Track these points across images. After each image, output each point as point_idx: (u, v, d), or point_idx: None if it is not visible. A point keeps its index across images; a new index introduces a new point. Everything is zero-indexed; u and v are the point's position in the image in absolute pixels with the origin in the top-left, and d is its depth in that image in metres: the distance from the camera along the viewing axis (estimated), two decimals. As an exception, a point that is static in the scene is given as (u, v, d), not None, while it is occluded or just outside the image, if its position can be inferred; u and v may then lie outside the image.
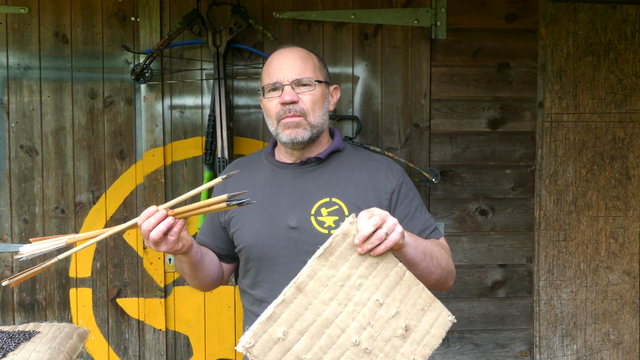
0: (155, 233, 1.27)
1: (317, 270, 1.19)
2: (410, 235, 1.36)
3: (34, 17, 2.29)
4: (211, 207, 1.26)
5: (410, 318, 1.27)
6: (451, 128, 2.41)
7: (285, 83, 1.48)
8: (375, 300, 1.23)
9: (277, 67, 1.51)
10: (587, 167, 2.44)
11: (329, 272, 1.20)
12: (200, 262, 1.51)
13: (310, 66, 1.52)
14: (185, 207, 1.29)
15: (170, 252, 1.34)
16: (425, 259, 1.39)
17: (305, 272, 1.19)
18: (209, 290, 1.68)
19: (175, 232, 1.30)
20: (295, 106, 1.48)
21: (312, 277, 1.19)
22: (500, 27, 2.40)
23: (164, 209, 1.28)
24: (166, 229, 1.28)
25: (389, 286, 1.26)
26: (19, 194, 2.33)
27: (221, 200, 1.24)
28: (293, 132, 1.48)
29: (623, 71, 2.43)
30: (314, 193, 1.50)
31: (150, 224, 1.27)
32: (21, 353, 1.32)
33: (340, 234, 1.22)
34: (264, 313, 1.17)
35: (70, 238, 1.31)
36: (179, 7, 2.30)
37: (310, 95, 1.49)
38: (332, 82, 1.61)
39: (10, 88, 2.31)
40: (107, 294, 2.38)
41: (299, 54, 1.53)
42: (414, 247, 1.33)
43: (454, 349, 2.46)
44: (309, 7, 2.33)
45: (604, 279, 2.48)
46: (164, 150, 2.33)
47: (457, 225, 2.43)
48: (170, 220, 1.28)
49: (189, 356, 2.40)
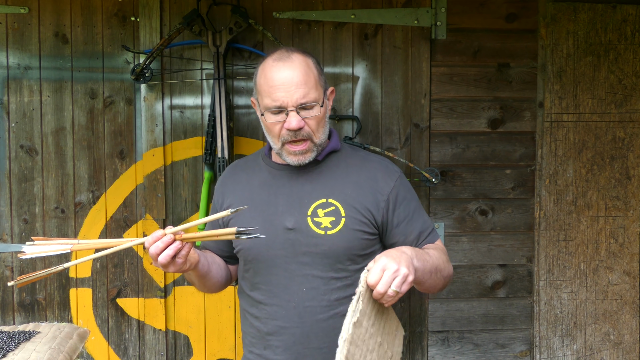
0: (163, 257, 1.30)
1: (353, 334, 1.20)
2: (419, 256, 1.36)
3: (34, 17, 2.29)
4: (220, 237, 1.30)
5: (391, 345, 1.35)
6: (451, 128, 2.41)
7: (290, 108, 1.43)
8: (379, 343, 1.29)
9: (279, 89, 1.43)
10: (587, 167, 2.44)
11: (358, 331, 1.22)
12: (208, 273, 1.54)
13: (312, 82, 1.45)
14: (194, 234, 1.32)
15: (178, 272, 1.37)
16: (432, 276, 1.43)
17: (348, 340, 1.18)
18: (219, 291, 1.70)
19: (183, 255, 1.33)
20: (302, 131, 1.45)
21: (352, 343, 1.20)
22: (500, 27, 2.40)
23: (171, 234, 1.30)
24: (174, 253, 1.31)
25: (383, 324, 1.32)
26: (19, 194, 2.33)
27: (230, 232, 1.29)
28: (300, 157, 1.47)
29: (623, 71, 2.43)
30: (311, 194, 1.50)
31: (158, 249, 1.30)
32: (21, 353, 1.32)
33: (364, 292, 1.23)
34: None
35: (75, 245, 1.32)
36: (179, 7, 2.29)
37: (314, 119, 1.46)
38: (328, 85, 1.56)
39: (10, 88, 2.31)
40: (107, 294, 2.38)
41: (300, 70, 1.44)
42: (422, 270, 1.36)
43: (454, 349, 2.46)
44: (309, 7, 2.33)
45: (604, 279, 2.48)
46: (164, 150, 2.33)
47: (457, 225, 2.43)
48: (178, 244, 1.31)
49: (189, 356, 2.40)
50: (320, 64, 1.56)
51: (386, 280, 1.24)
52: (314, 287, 1.47)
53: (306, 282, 1.47)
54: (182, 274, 1.77)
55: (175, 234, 1.31)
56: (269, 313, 1.50)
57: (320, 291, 1.47)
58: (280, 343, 1.49)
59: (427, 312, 2.44)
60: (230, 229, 1.29)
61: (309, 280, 1.47)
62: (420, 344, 2.45)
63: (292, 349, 1.48)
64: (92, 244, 1.35)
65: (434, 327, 2.45)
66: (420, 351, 2.45)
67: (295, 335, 1.47)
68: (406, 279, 1.26)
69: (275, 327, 1.50)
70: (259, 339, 1.53)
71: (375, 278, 1.24)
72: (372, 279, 1.24)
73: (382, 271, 1.25)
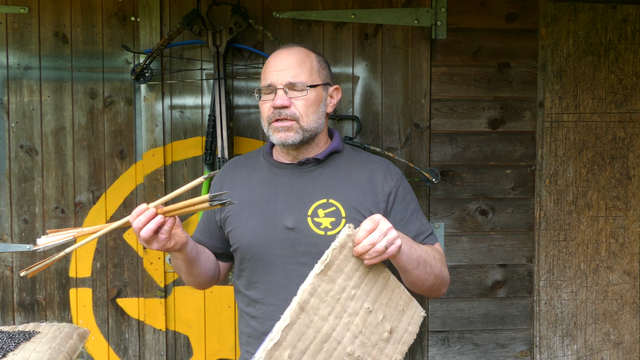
0: (145, 231, 1.29)
1: (317, 287, 1.20)
2: (406, 241, 1.35)
3: (34, 17, 2.29)
4: (195, 207, 1.28)
5: (393, 320, 1.31)
6: (451, 128, 2.41)
7: (279, 86, 1.47)
8: (366, 309, 1.26)
9: (272, 70, 1.50)
10: (587, 167, 2.44)
11: (327, 286, 1.21)
12: (196, 260, 1.51)
13: (307, 69, 1.49)
14: (171, 206, 1.30)
15: (163, 249, 1.35)
16: (419, 267, 1.39)
17: (307, 290, 1.18)
18: (204, 288, 1.68)
19: (166, 230, 1.31)
20: (287, 110, 1.47)
21: (312, 294, 1.19)
22: (501, 27, 2.40)
23: (153, 207, 1.29)
24: (156, 227, 1.29)
25: (377, 292, 1.28)
26: (19, 194, 2.33)
27: (204, 200, 1.26)
28: (283, 135, 1.48)
29: (623, 71, 2.43)
30: (312, 194, 1.50)
31: (140, 222, 1.29)
32: (21, 353, 1.32)
33: (338, 247, 1.22)
34: (270, 337, 1.16)
35: (78, 232, 1.33)
36: (179, 7, 2.29)
37: (303, 100, 1.48)
38: (333, 82, 1.59)
39: (10, 88, 2.31)
40: (107, 294, 2.38)
41: (297, 56, 1.50)
42: (407, 254, 1.34)
43: (454, 349, 2.46)
44: (309, 7, 2.33)
45: (604, 279, 2.48)
46: (164, 150, 2.33)
47: (457, 225, 2.43)
48: (160, 218, 1.29)
49: (189, 356, 2.40)
50: (327, 62, 1.58)
51: (379, 234, 1.22)
52: None
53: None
54: (167, 253, 1.73)
55: (157, 207, 1.29)
56: (266, 312, 1.50)
57: None
58: None
59: (427, 312, 2.44)
60: (203, 196, 1.26)
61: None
62: (420, 344, 2.45)
63: None
64: (89, 231, 1.35)
65: (434, 327, 2.45)
66: (420, 351, 2.45)
67: None
68: (395, 241, 1.24)
69: (272, 326, 1.49)
70: (256, 339, 1.53)
71: (369, 226, 1.22)
72: (367, 226, 1.22)
73: (377, 224, 1.23)
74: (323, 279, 1.20)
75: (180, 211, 1.30)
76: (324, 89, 1.54)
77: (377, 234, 1.22)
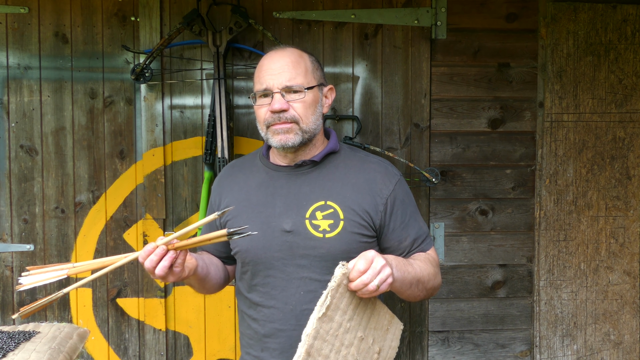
0: (160, 269, 1.29)
1: (319, 329, 1.22)
2: (401, 267, 1.37)
3: (34, 17, 2.29)
4: (212, 241, 1.29)
5: (380, 340, 1.36)
6: (451, 128, 2.41)
7: (275, 90, 1.46)
8: (359, 337, 1.30)
9: (267, 73, 1.48)
10: (587, 167, 2.44)
11: (327, 326, 1.23)
12: (207, 275, 1.53)
13: (302, 71, 1.48)
14: (186, 240, 1.30)
15: (178, 280, 1.36)
16: (412, 287, 1.42)
17: (311, 335, 1.20)
18: (218, 291, 1.70)
19: (180, 263, 1.32)
20: (286, 114, 1.46)
21: (316, 338, 1.21)
22: (501, 27, 2.40)
23: (163, 245, 1.29)
24: (170, 263, 1.29)
25: (367, 319, 1.33)
26: (19, 194, 2.33)
27: (222, 235, 1.27)
28: (283, 137, 1.47)
29: (623, 71, 2.43)
30: (309, 196, 1.49)
31: (153, 262, 1.29)
32: (21, 353, 1.32)
33: (335, 287, 1.24)
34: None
35: (71, 269, 1.32)
36: (179, 7, 2.29)
37: (301, 102, 1.47)
38: (327, 83, 1.58)
39: (10, 88, 2.30)
40: (107, 294, 2.38)
41: (290, 58, 1.49)
42: (401, 281, 1.35)
43: (454, 349, 2.46)
44: (309, 7, 2.33)
45: (604, 279, 2.48)
46: (164, 150, 2.33)
47: (457, 225, 2.43)
48: (173, 254, 1.29)
49: (189, 356, 2.40)
50: (319, 62, 1.57)
51: (373, 272, 1.23)
52: (311, 290, 1.46)
53: (303, 285, 1.47)
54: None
55: (168, 244, 1.29)
56: (267, 315, 1.50)
57: (317, 294, 1.45)
58: (277, 345, 1.49)
59: (427, 312, 2.44)
60: (221, 231, 1.28)
61: (307, 283, 1.46)
62: (420, 344, 2.45)
63: (289, 352, 1.46)
64: (87, 266, 1.34)
65: (434, 327, 2.45)
66: (420, 351, 2.45)
67: (292, 338, 1.46)
68: (387, 279, 1.26)
69: (273, 329, 1.49)
70: (257, 341, 1.53)
71: (362, 267, 1.23)
72: (360, 266, 1.23)
73: (370, 263, 1.24)
74: (324, 320, 1.22)
75: (196, 245, 1.31)
76: (320, 90, 1.53)
77: (370, 273, 1.23)
